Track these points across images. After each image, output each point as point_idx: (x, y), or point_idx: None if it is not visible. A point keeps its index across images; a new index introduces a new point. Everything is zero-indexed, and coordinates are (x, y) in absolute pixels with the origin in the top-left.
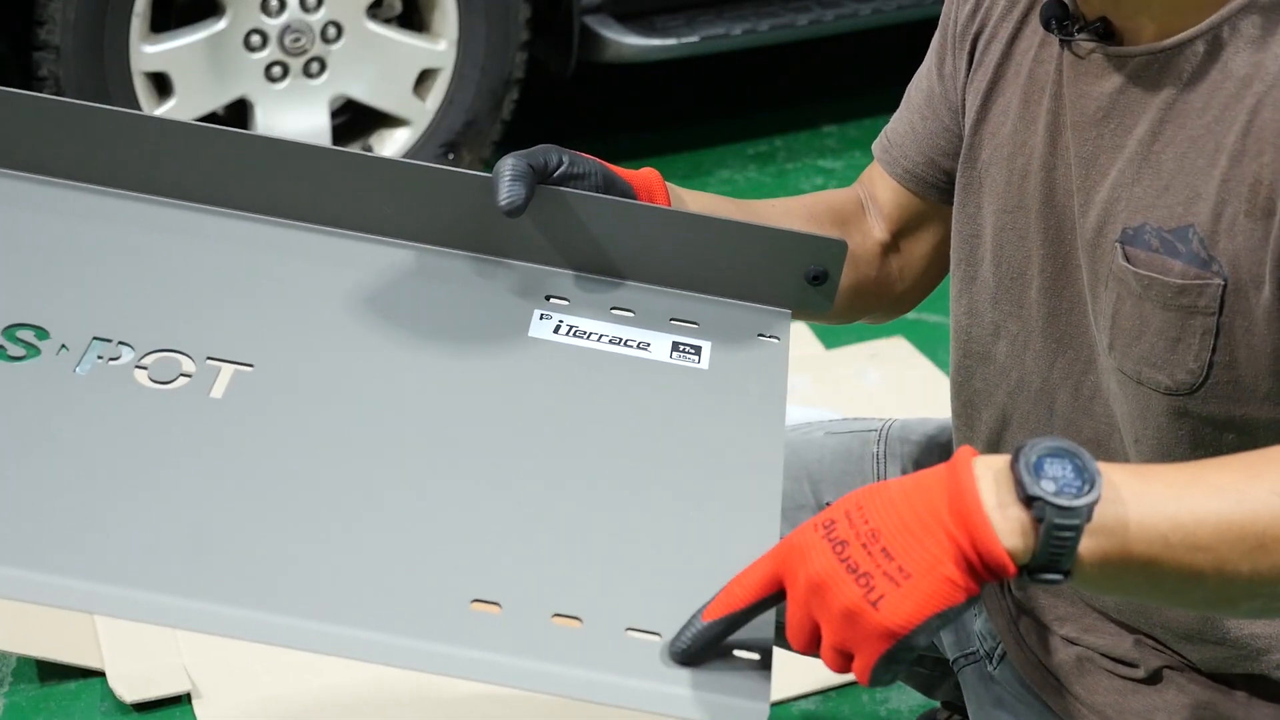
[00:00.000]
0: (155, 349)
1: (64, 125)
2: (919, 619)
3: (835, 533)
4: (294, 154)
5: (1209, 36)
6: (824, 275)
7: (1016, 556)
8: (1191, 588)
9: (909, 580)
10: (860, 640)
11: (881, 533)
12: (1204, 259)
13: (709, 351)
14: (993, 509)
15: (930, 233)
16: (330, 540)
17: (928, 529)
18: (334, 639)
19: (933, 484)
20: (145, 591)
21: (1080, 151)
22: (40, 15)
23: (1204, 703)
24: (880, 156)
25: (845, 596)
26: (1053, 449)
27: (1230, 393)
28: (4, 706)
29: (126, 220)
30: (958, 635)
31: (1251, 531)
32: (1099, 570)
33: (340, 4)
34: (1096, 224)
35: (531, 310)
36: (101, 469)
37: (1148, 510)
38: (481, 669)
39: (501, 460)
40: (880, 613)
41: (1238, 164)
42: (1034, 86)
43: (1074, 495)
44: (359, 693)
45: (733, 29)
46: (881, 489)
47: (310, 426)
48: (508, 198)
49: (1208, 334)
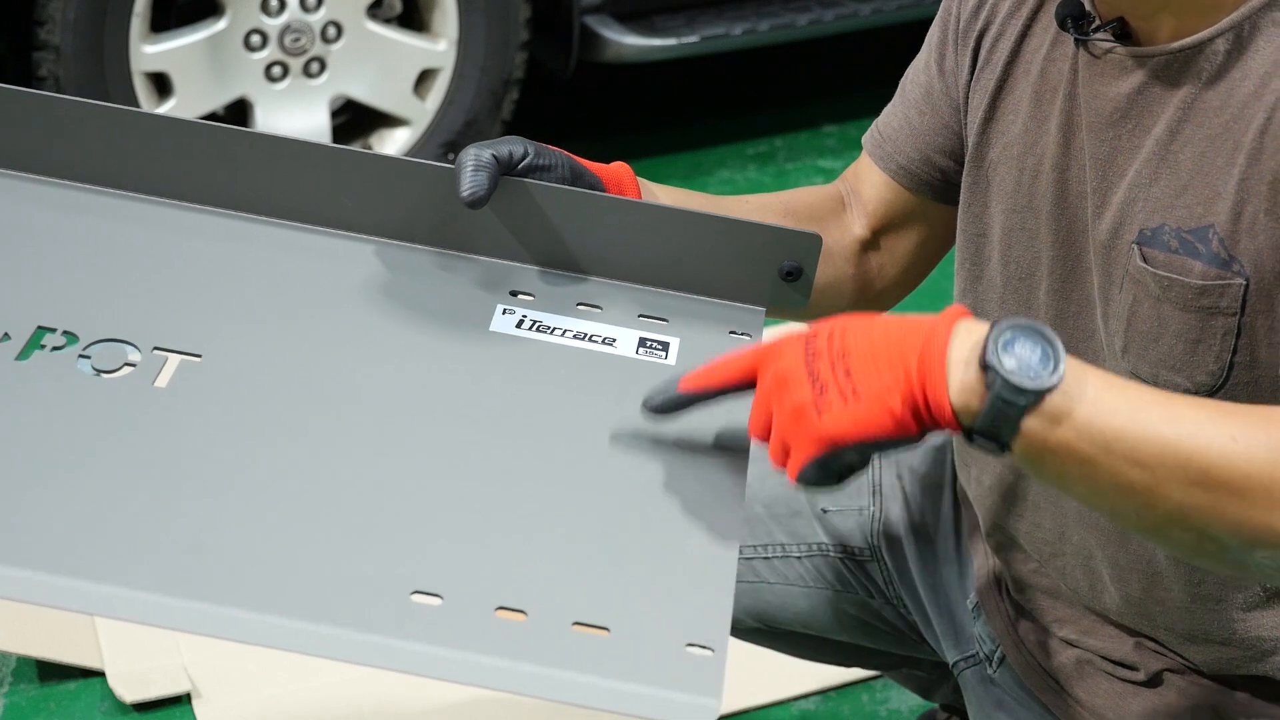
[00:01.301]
0: (100, 338)
1: (15, 114)
2: (852, 436)
3: (813, 345)
4: (253, 145)
5: (1230, 35)
6: (798, 271)
7: (960, 415)
8: (1122, 497)
9: (856, 400)
10: (800, 439)
11: (850, 353)
12: (1225, 259)
13: (677, 348)
14: (955, 363)
15: (915, 230)
16: (270, 531)
17: (890, 363)
18: (268, 628)
19: (913, 326)
20: (71, 579)
21: (1096, 152)
22: (40, 15)
23: (1204, 705)
24: (872, 150)
25: (799, 396)
26: (1030, 329)
27: (1249, 393)
28: (4, 706)
29: (77, 209)
30: (957, 638)
31: (1194, 465)
32: (1036, 452)
33: (340, 4)
34: (1112, 225)
35: (494, 305)
36: (33, 458)
37: (1100, 413)
38: (419, 662)
39: (455, 455)
40: (822, 420)
41: (1256, 162)
42: (1046, 86)
43: (1027, 378)
44: (359, 693)
45: (733, 29)
46: (869, 318)
47: (254, 418)
48: (470, 188)
49: (1229, 335)
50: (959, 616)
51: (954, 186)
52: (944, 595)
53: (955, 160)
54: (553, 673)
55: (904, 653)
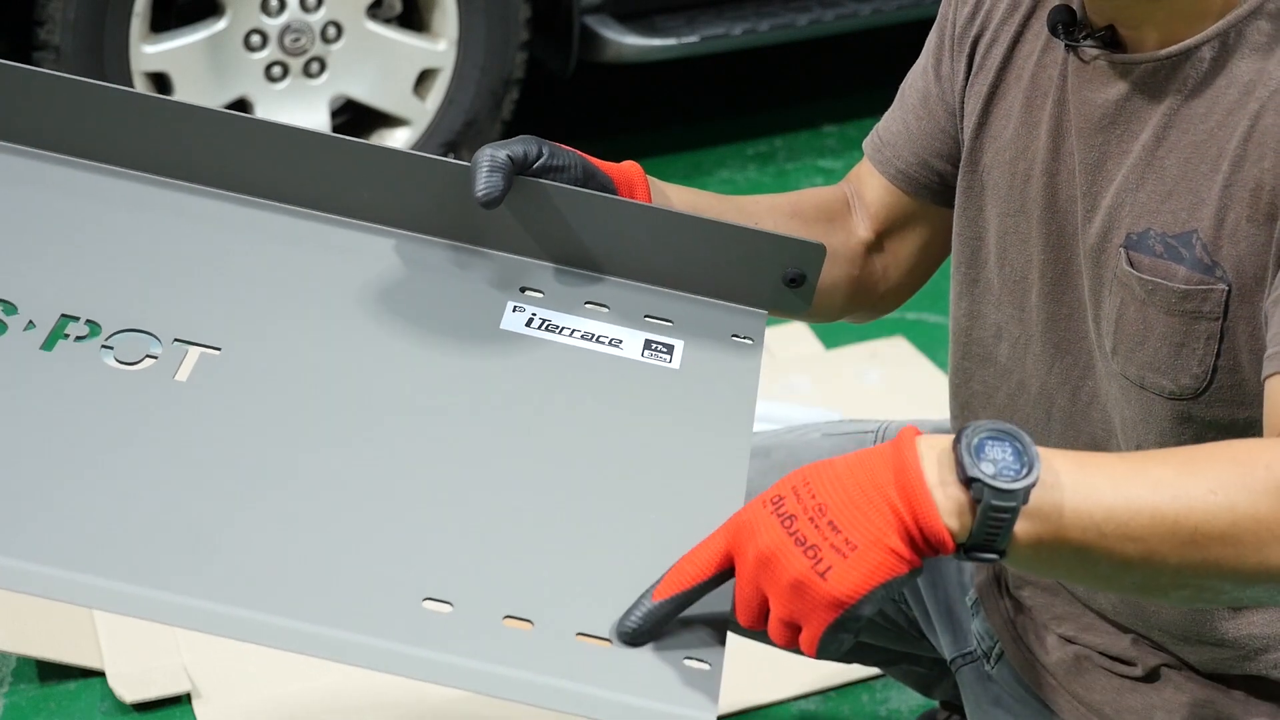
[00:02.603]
0: (123, 328)
1: (44, 96)
2: (865, 588)
3: (784, 508)
4: (274, 135)
5: (1215, 43)
6: (801, 278)
7: (955, 534)
8: (1122, 574)
9: (855, 551)
10: (809, 611)
11: (829, 507)
12: (1207, 264)
13: (681, 351)
14: (934, 486)
15: (917, 233)
16: (283, 532)
17: (872, 503)
18: (279, 631)
19: (878, 460)
20: (85, 574)
21: (1085, 158)
22: (40, 15)
23: (1202, 701)
24: (872, 155)
25: (794, 568)
26: (994, 431)
27: (1234, 396)
28: (4, 706)
29: (102, 196)
30: (955, 635)
31: (1184, 526)
32: (1033, 552)
33: (340, 4)
34: (1101, 229)
35: (505, 302)
36: (53, 449)
37: (1084, 498)
38: (426, 668)
39: (462, 457)
40: (828, 583)
41: (1239, 170)
42: (1037, 91)
43: (1011, 479)
44: (359, 694)
45: (733, 29)
46: (827, 466)
47: (271, 414)
48: (485, 189)
49: (1212, 339)
50: (958, 613)
51: (954, 190)
52: (943, 592)
53: (954, 164)
54: (554, 682)
55: (903, 649)
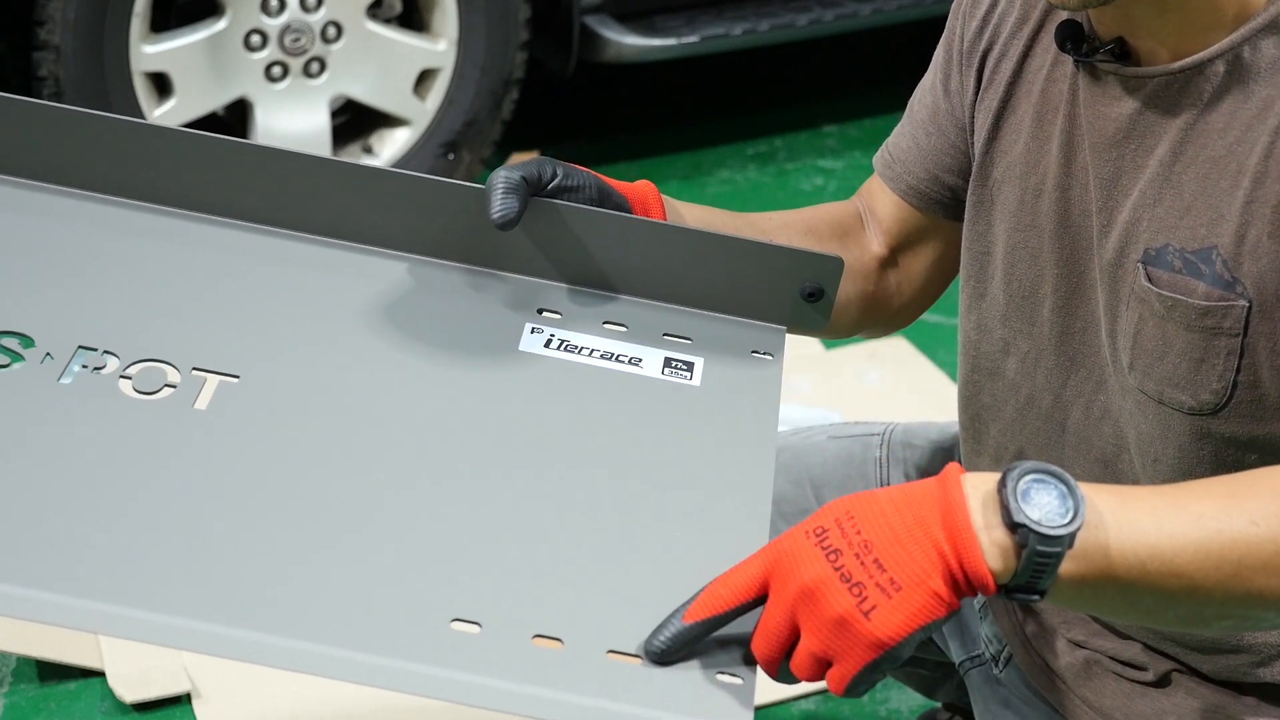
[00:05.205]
0: (141, 358)
1: (55, 130)
2: (907, 630)
3: (828, 541)
4: (287, 162)
5: (1229, 57)
6: (819, 292)
7: (998, 576)
8: (1165, 609)
9: (900, 593)
10: (847, 649)
11: (874, 544)
12: (1228, 280)
13: (701, 368)
14: (980, 530)
15: (930, 248)
16: (310, 557)
17: (918, 543)
18: (310, 656)
19: (924, 499)
20: (115, 605)
21: (1100, 172)
22: (40, 15)
23: (1213, 706)
24: (882, 171)
25: (839, 605)
26: (1039, 474)
27: (1253, 412)
28: (4, 706)
29: (115, 226)
30: (963, 638)
31: (1228, 560)
32: (1076, 591)
33: (340, 4)
34: (1118, 245)
35: (523, 324)
36: (77, 480)
37: (1128, 536)
38: (458, 690)
39: (487, 477)
40: (872, 623)
41: (1260, 186)
42: (1047, 105)
43: (1058, 524)
44: (359, 694)
45: (733, 29)
46: (871, 499)
47: (293, 440)
48: (500, 211)
49: (1232, 355)
50: (966, 616)
51: (965, 205)
52: None
53: (964, 179)
54: (589, 701)
55: None
